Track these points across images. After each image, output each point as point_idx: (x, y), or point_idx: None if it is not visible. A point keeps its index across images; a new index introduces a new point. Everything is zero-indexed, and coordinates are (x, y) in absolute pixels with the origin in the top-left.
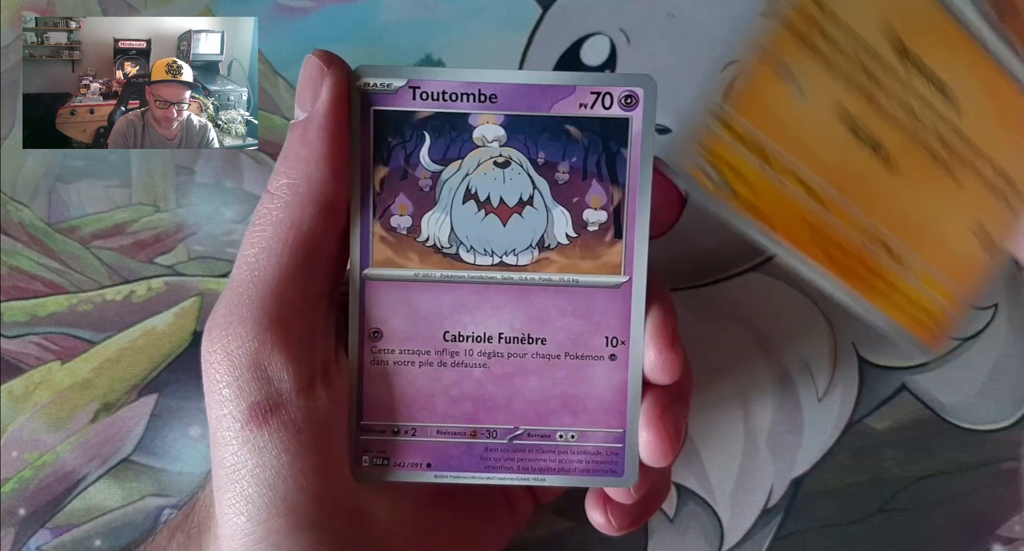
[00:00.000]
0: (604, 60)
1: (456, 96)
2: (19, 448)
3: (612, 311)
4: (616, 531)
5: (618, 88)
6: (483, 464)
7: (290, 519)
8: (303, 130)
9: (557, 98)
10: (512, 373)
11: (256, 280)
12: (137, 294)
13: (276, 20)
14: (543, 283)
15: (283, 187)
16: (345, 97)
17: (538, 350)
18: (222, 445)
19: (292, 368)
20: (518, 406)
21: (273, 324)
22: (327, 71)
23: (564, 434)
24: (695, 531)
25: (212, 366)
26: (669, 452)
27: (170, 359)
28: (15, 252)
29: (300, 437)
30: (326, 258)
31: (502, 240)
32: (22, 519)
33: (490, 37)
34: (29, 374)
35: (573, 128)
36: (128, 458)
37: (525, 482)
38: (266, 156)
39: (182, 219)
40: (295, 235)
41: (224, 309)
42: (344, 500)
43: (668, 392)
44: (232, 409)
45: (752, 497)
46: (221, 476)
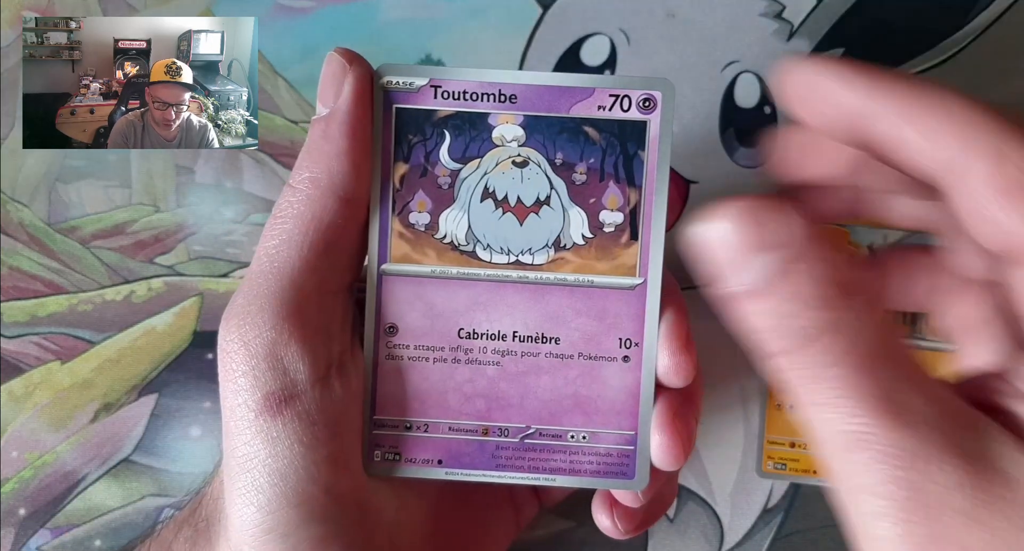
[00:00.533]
0: (604, 60)
1: (476, 96)
2: (19, 448)
3: (626, 312)
4: (622, 535)
5: (637, 91)
6: (494, 462)
7: (300, 510)
8: (325, 126)
9: (576, 100)
10: (525, 372)
11: (275, 271)
12: (137, 294)
13: (276, 20)
14: (558, 283)
15: (304, 181)
16: (367, 94)
17: (551, 349)
18: (235, 434)
19: (308, 359)
20: (531, 405)
21: (291, 315)
22: (349, 68)
23: (576, 434)
24: (695, 531)
25: (229, 355)
26: (681, 455)
27: (170, 359)
28: (15, 252)
29: (314, 429)
30: (345, 252)
31: (519, 239)
32: (22, 519)
33: (490, 37)
34: (29, 374)
35: (591, 129)
36: (128, 458)
37: (535, 482)
38: (266, 156)
39: (182, 219)
40: (315, 228)
41: (243, 299)
42: (354, 494)
43: (680, 395)
44: (247, 398)
45: (752, 497)
46: (232, 465)
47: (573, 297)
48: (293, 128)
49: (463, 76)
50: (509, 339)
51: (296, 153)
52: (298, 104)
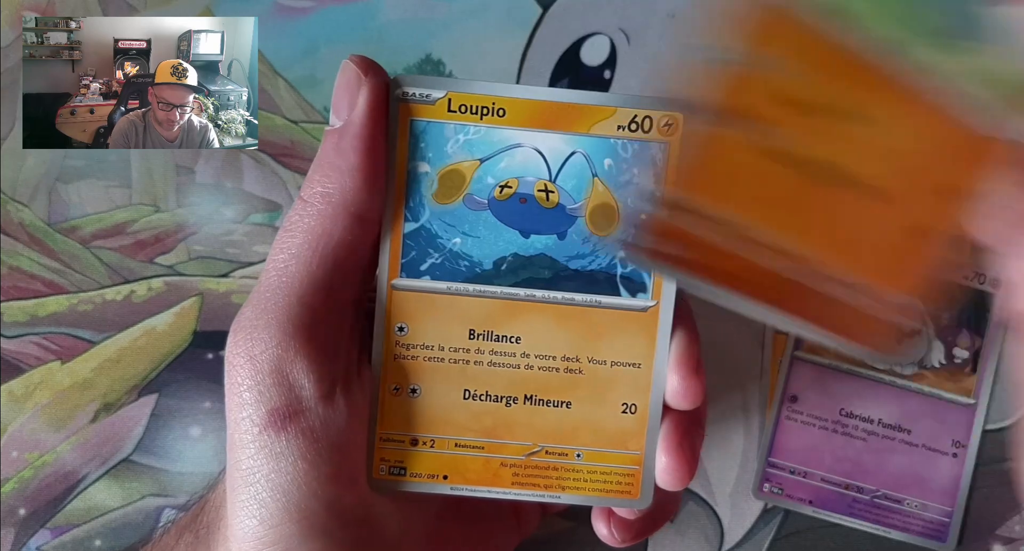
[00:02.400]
0: (604, 60)
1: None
2: (19, 448)
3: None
4: (620, 543)
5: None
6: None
7: (302, 525)
8: (339, 139)
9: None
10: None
11: (284, 286)
12: (137, 294)
13: (276, 20)
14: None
15: (316, 195)
16: (382, 106)
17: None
18: (239, 448)
19: (314, 376)
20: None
21: (298, 331)
22: (364, 79)
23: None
24: (695, 531)
25: (235, 369)
26: (687, 477)
27: (170, 359)
28: (15, 252)
29: (317, 445)
30: (354, 268)
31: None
32: (22, 519)
33: (490, 37)
34: (29, 374)
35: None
36: (128, 458)
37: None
38: (266, 156)
39: (182, 219)
40: (326, 244)
41: (250, 312)
42: (357, 509)
43: (687, 417)
44: (251, 413)
45: (752, 497)
46: (236, 478)
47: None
48: (293, 128)
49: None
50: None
51: (296, 153)
52: (298, 104)
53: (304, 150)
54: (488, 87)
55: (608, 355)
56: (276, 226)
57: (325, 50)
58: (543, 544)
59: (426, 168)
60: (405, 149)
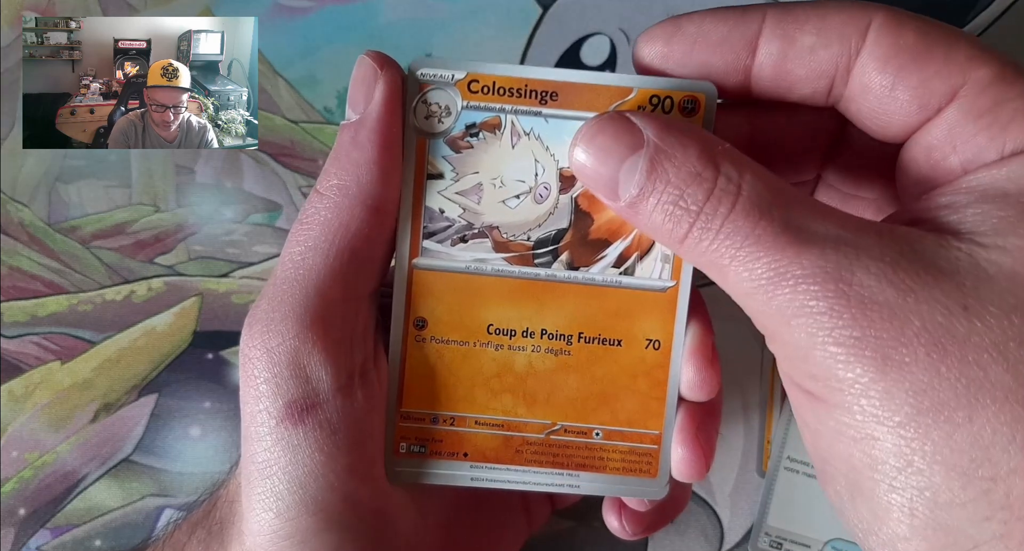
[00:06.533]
0: (604, 60)
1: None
2: (19, 448)
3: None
4: (630, 536)
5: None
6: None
7: (318, 518)
8: (355, 132)
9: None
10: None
11: (300, 278)
12: (137, 294)
13: (276, 20)
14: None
15: (333, 188)
16: (398, 100)
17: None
18: (255, 440)
19: (331, 368)
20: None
21: (315, 323)
22: (380, 73)
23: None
24: (695, 531)
25: (251, 361)
26: (703, 469)
27: (170, 359)
28: (15, 252)
29: (334, 437)
30: (371, 259)
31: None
32: (22, 519)
33: (490, 37)
34: (29, 374)
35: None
36: (128, 458)
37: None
38: (266, 156)
39: (182, 219)
40: (342, 236)
41: (267, 305)
42: (373, 502)
43: (703, 408)
44: (268, 405)
45: (752, 497)
46: (252, 471)
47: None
48: (293, 128)
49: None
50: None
51: (296, 153)
52: (298, 104)
53: (304, 150)
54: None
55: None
56: (276, 226)
57: (325, 50)
58: (544, 544)
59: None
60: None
